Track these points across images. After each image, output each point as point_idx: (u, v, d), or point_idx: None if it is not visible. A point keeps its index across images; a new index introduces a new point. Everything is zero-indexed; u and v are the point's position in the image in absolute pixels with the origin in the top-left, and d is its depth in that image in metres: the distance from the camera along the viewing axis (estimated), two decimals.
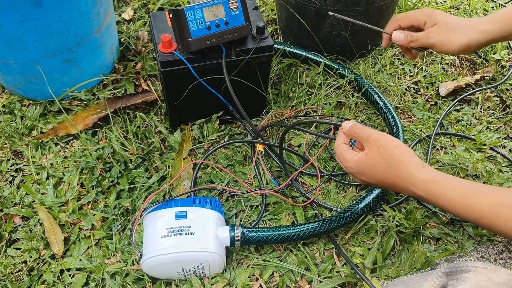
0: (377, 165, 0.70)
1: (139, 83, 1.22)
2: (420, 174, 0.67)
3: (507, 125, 1.19)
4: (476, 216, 0.64)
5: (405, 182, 0.68)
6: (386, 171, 0.69)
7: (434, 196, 0.66)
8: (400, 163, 0.68)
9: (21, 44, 1.01)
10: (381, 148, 0.69)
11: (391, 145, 0.69)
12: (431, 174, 0.67)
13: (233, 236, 0.84)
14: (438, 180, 0.67)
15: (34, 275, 0.88)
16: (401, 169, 0.68)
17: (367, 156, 0.71)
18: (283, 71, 1.27)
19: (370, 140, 0.71)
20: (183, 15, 0.87)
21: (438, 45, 0.80)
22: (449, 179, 0.67)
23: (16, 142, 1.09)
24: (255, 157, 1.03)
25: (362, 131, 0.73)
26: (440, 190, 0.66)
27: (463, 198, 0.65)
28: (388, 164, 0.69)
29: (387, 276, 0.88)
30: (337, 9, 1.17)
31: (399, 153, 0.69)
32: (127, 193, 0.99)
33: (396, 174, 0.68)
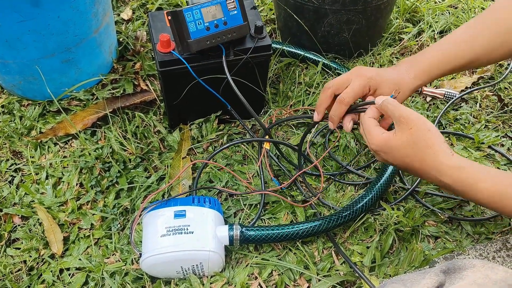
0: (405, 147, 0.67)
1: (138, 83, 1.22)
2: (447, 161, 0.65)
3: (506, 123, 1.20)
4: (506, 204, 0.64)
5: (431, 168, 0.66)
6: (413, 154, 0.67)
7: (460, 183, 0.65)
8: (429, 148, 0.66)
9: (20, 44, 1.01)
10: (413, 130, 0.66)
11: (423, 127, 0.66)
12: (459, 162, 0.65)
13: (232, 235, 0.84)
14: (466, 167, 0.65)
15: (33, 275, 0.88)
16: (429, 154, 0.66)
17: (396, 137, 0.68)
18: (281, 71, 1.27)
19: (402, 119, 0.67)
20: (182, 16, 0.87)
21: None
22: (478, 167, 0.66)
23: (15, 142, 1.09)
24: (261, 155, 1.03)
25: (396, 108, 0.69)
26: (469, 178, 0.65)
27: (493, 186, 0.64)
28: (417, 148, 0.66)
29: (386, 275, 0.88)
30: (335, 8, 1.17)
31: (430, 137, 0.66)
32: (126, 193, 0.99)
33: (423, 158, 0.66)
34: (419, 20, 1.48)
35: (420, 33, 1.44)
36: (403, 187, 1.02)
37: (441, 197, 1.00)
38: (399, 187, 1.03)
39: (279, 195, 0.98)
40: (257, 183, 1.02)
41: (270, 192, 0.96)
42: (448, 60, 0.80)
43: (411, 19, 1.49)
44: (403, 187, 1.02)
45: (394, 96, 0.72)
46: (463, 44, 0.80)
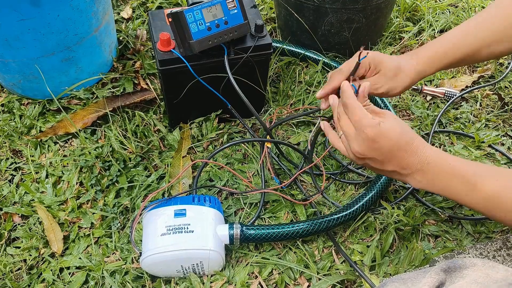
0: (399, 130, 0.67)
1: (138, 82, 1.22)
2: (428, 149, 0.68)
3: (506, 122, 1.20)
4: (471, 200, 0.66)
5: (418, 145, 0.68)
6: (403, 136, 0.67)
7: (439, 160, 0.67)
8: (414, 132, 0.69)
9: (20, 43, 1.01)
10: (397, 118, 0.69)
11: (396, 127, 0.69)
12: (436, 149, 0.69)
13: (232, 234, 0.84)
14: (443, 152, 0.69)
15: (33, 274, 0.88)
16: (416, 136, 0.68)
17: (390, 122, 0.68)
18: (281, 69, 1.27)
19: (385, 112, 0.70)
20: (183, 17, 0.87)
21: (384, 94, 0.79)
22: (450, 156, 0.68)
23: (15, 141, 1.09)
24: (263, 155, 1.02)
25: (376, 107, 0.72)
26: (446, 155, 0.67)
27: (465, 163, 0.67)
28: (406, 130, 0.68)
29: (386, 273, 0.88)
30: (336, 7, 1.17)
31: (403, 135, 0.68)
32: (126, 192, 0.99)
33: (411, 138, 0.68)
34: (420, 19, 1.48)
35: (421, 32, 1.44)
36: (403, 186, 1.02)
37: (441, 196, 1.00)
38: (400, 186, 1.02)
39: (279, 193, 0.98)
40: (257, 182, 1.02)
41: (270, 191, 0.96)
42: (452, 50, 0.80)
43: (412, 18, 1.49)
44: (403, 186, 1.02)
45: (363, 51, 0.71)
46: (466, 35, 0.81)
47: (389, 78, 0.77)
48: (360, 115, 0.68)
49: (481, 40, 0.80)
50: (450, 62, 0.81)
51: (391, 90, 0.78)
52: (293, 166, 1.06)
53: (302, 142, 1.11)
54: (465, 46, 0.80)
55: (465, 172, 0.66)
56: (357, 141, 0.69)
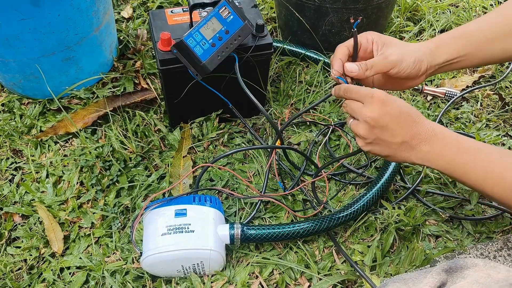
0: (405, 104, 0.69)
1: (139, 82, 1.22)
2: (433, 124, 0.69)
3: (507, 122, 1.20)
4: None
5: (425, 120, 0.69)
6: (411, 110, 0.69)
7: (446, 132, 0.68)
8: (411, 117, 0.69)
9: (20, 42, 1.01)
10: (403, 101, 0.70)
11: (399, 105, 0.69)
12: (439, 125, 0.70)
13: (233, 234, 0.84)
14: (446, 129, 0.70)
15: (34, 274, 0.88)
16: (421, 116, 0.69)
17: (393, 98, 0.69)
18: (282, 69, 1.27)
19: (389, 96, 0.70)
20: (185, 44, 0.88)
21: (397, 62, 0.74)
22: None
23: (15, 141, 1.09)
24: (270, 159, 1.01)
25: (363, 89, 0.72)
26: (454, 133, 0.69)
27: (471, 139, 0.68)
28: (411, 107, 0.69)
29: (387, 274, 0.88)
30: (337, 7, 1.17)
31: (407, 112, 0.69)
32: (127, 191, 0.99)
33: (418, 113, 0.69)
34: (420, 19, 1.48)
35: (421, 32, 1.44)
36: (404, 186, 1.02)
37: (442, 196, 1.00)
38: (400, 186, 1.02)
39: (281, 197, 0.98)
40: (257, 182, 1.02)
41: (269, 197, 0.96)
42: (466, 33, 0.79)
43: (412, 18, 1.48)
44: (404, 186, 1.02)
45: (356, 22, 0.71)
46: (464, 36, 0.79)
47: (400, 46, 0.75)
48: (364, 89, 0.70)
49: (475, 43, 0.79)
50: (462, 49, 0.78)
51: (403, 61, 0.74)
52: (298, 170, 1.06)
53: (302, 142, 1.11)
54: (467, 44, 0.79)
55: (471, 148, 0.67)
56: (369, 107, 0.69)
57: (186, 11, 1.03)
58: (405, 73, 0.75)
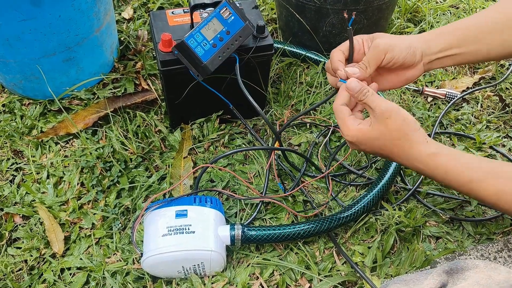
0: (381, 139, 0.68)
1: (139, 82, 1.22)
2: (423, 148, 0.67)
3: (507, 124, 1.20)
4: (475, 192, 0.67)
5: (408, 155, 0.68)
6: (390, 144, 0.68)
7: (435, 170, 0.68)
8: (405, 136, 0.67)
9: (21, 43, 1.01)
10: (389, 120, 0.67)
11: (399, 117, 0.67)
12: (434, 148, 0.68)
13: (234, 235, 0.84)
14: (439, 154, 0.68)
15: (34, 274, 0.88)
16: (405, 143, 0.67)
17: (372, 129, 0.68)
18: (283, 70, 1.27)
19: (377, 110, 0.67)
20: (186, 45, 0.88)
21: (389, 50, 0.72)
22: (451, 154, 0.68)
23: (16, 141, 1.09)
24: (269, 160, 1.01)
25: (371, 99, 0.68)
26: (442, 165, 0.67)
27: (463, 172, 0.67)
28: (393, 138, 0.67)
29: (387, 275, 0.88)
30: (337, 8, 1.17)
31: (405, 127, 0.67)
32: (127, 192, 0.99)
33: (400, 147, 0.68)
34: (421, 20, 1.48)
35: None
36: (404, 188, 1.02)
37: (442, 198, 1.00)
38: (401, 187, 1.02)
39: (280, 198, 0.98)
40: (258, 183, 1.02)
41: (270, 199, 0.96)
42: (461, 28, 0.78)
43: (413, 19, 1.49)
44: (405, 187, 1.02)
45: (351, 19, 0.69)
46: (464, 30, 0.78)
47: (388, 38, 0.74)
48: (342, 120, 0.71)
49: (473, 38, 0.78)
50: (456, 40, 0.77)
51: (395, 46, 0.72)
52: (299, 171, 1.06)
53: (303, 143, 1.11)
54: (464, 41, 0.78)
55: (460, 180, 0.67)
56: (348, 139, 0.72)
57: (187, 12, 1.03)
58: (400, 60, 0.73)
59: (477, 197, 0.67)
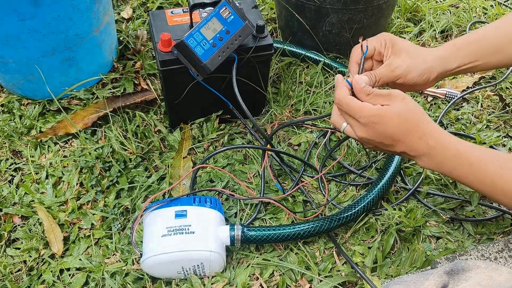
0: (401, 113, 0.67)
1: (139, 82, 1.21)
2: (438, 127, 0.69)
3: (507, 123, 1.19)
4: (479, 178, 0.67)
5: (423, 133, 0.68)
6: (407, 121, 0.67)
7: (446, 145, 0.67)
8: (422, 112, 0.69)
9: (20, 43, 1.01)
10: (406, 100, 0.68)
11: (412, 101, 0.69)
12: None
13: (233, 235, 0.84)
14: (451, 136, 0.69)
15: (33, 275, 0.87)
16: (423, 120, 0.68)
17: (390, 107, 0.67)
18: (282, 70, 1.27)
19: (392, 93, 0.68)
20: (186, 45, 0.88)
21: (402, 75, 0.75)
22: (460, 140, 0.69)
23: (15, 142, 1.09)
24: (264, 161, 1.01)
25: (379, 91, 0.69)
26: (452, 138, 0.68)
27: (474, 151, 0.67)
28: (412, 115, 0.68)
29: (388, 275, 0.88)
30: (337, 7, 1.17)
31: (420, 107, 0.69)
32: (127, 193, 0.99)
33: (417, 124, 0.68)
34: (420, 20, 1.47)
35: (421, 33, 1.44)
36: (404, 187, 1.02)
37: (442, 198, 1.00)
38: (401, 187, 1.02)
39: (280, 199, 0.98)
40: (258, 183, 1.02)
41: (269, 200, 0.95)
42: (476, 40, 0.79)
43: (412, 19, 1.48)
44: (405, 187, 1.02)
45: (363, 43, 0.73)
46: (495, 28, 0.80)
47: (407, 57, 0.75)
48: (358, 106, 0.68)
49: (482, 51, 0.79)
50: (475, 54, 0.78)
51: (410, 72, 0.75)
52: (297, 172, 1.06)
53: (303, 143, 1.11)
54: (493, 38, 0.79)
55: (471, 158, 0.67)
56: (361, 129, 0.70)
57: (186, 11, 1.02)
58: (411, 83, 0.76)
59: (484, 177, 0.67)
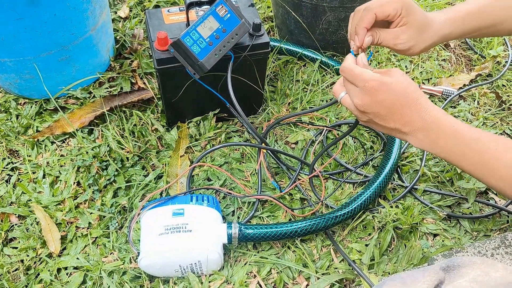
0: (399, 84, 0.67)
1: (135, 81, 1.21)
2: (432, 103, 0.68)
3: (503, 120, 1.20)
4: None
5: (420, 107, 0.67)
6: (406, 93, 0.67)
7: (442, 121, 0.67)
8: (418, 89, 0.68)
9: (16, 42, 1.01)
10: (405, 76, 0.68)
11: (408, 78, 0.69)
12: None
13: (231, 233, 0.84)
14: (449, 115, 0.68)
15: (31, 274, 0.87)
16: (421, 94, 0.68)
17: (392, 78, 0.67)
18: (279, 68, 1.27)
19: (392, 69, 0.68)
20: (182, 43, 0.88)
21: (403, 49, 0.76)
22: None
23: (12, 141, 1.08)
24: (259, 159, 1.01)
25: (381, 70, 0.70)
26: (450, 116, 0.67)
27: (471, 129, 0.66)
28: (411, 86, 0.67)
29: (385, 272, 0.88)
30: (333, 5, 1.17)
31: (416, 85, 0.69)
32: (124, 191, 0.99)
33: (414, 97, 0.67)
34: None
35: None
36: (401, 185, 1.02)
37: (439, 195, 1.00)
38: (398, 184, 1.02)
39: (277, 197, 0.98)
40: (255, 181, 1.02)
41: (266, 197, 0.96)
42: (478, 15, 0.79)
43: None
44: (402, 184, 1.02)
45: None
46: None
47: (415, 34, 0.75)
48: (360, 71, 0.68)
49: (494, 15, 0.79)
50: (474, 26, 0.79)
51: (411, 48, 0.75)
52: (293, 170, 1.06)
53: (300, 141, 1.11)
54: (493, 11, 0.79)
55: (467, 137, 0.66)
56: (359, 95, 0.68)
57: (182, 10, 1.02)
58: (407, 54, 0.77)
59: (480, 159, 0.66)
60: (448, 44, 1.41)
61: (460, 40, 1.42)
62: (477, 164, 0.66)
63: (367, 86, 0.67)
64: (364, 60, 0.72)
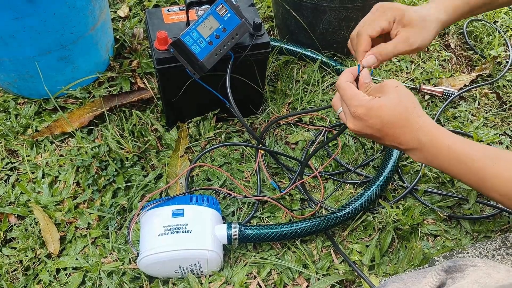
0: (391, 104, 0.66)
1: (135, 81, 1.21)
2: (428, 119, 0.67)
3: (504, 121, 1.19)
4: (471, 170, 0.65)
5: (413, 127, 0.66)
6: (399, 111, 0.66)
7: (438, 138, 0.66)
8: (414, 104, 0.67)
9: (15, 41, 1.00)
10: (399, 87, 0.67)
11: (404, 88, 0.68)
12: (436, 124, 0.69)
13: (231, 234, 0.83)
14: (441, 128, 0.68)
15: (30, 275, 0.87)
16: (413, 113, 0.67)
17: (383, 98, 0.67)
18: (279, 68, 1.26)
19: (385, 82, 0.68)
20: (183, 43, 0.88)
21: (417, 48, 0.75)
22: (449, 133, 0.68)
23: (11, 141, 1.08)
24: (257, 160, 1.01)
25: (375, 84, 0.70)
26: (444, 134, 0.66)
27: (463, 144, 0.66)
28: (403, 106, 0.66)
29: (385, 273, 0.87)
30: (334, 5, 1.16)
31: (412, 97, 0.68)
32: (124, 192, 0.99)
33: (407, 118, 0.66)
34: None
35: None
36: (402, 185, 1.02)
37: (440, 196, 1.00)
38: (398, 185, 1.02)
39: (277, 198, 0.98)
40: (255, 181, 1.02)
41: (266, 198, 0.95)
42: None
43: None
44: (402, 185, 1.02)
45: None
46: None
47: (417, 32, 0.74)
48: (351, 94, 0.68)
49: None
50: (471, 7, 0.79)
51: (423, 42, 0.75)
52: (290, 170, 1.05)
53: (300, 142, 1.10)
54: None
55: (463, 156, 0.65)
56: (350, 120, 0.69)
57: (182, 9, 1.02)
58: (422, 48, 0.77)
59: (476, 174, 0.65)
60: (449, 44, 1.40)
61: (461, 41, 1.42)
62: (478, 182, 0.66)
63: (355, 112, 0.68)
64: (366, 77, 0.71)
